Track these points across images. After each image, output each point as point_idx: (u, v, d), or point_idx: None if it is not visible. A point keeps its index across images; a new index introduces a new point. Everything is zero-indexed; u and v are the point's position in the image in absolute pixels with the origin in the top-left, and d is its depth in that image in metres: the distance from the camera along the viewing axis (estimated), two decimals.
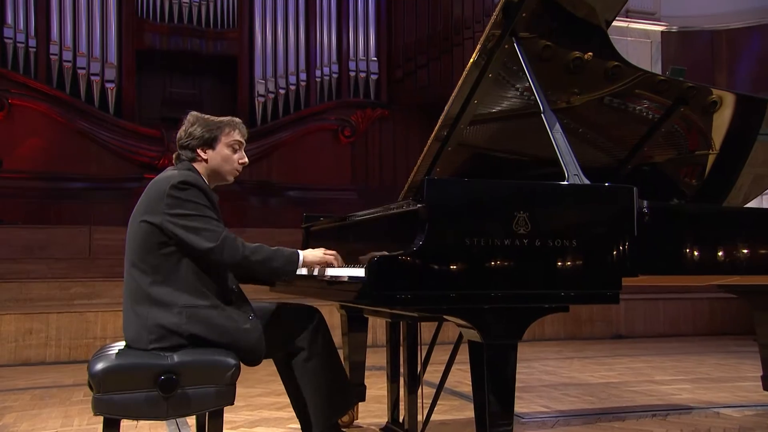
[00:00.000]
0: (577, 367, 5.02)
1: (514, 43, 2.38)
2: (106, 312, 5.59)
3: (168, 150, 9.55)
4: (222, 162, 2.23)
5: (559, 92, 2.74)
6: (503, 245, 1.91)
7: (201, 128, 2.21)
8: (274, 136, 10.06)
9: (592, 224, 2.02)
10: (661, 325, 7.20)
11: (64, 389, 4.26)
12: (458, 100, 2.67)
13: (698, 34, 9.80)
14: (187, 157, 2.23)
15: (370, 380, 3.41)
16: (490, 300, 1.90)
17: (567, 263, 1.97)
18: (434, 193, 1.88)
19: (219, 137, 2.22)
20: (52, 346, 5.38)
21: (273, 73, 10.26)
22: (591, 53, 2.58)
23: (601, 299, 2.02)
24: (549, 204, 1.99)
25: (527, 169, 3.06)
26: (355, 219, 2.55)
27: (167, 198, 2.06)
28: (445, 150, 2.87)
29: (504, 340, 1.95)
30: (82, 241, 7.79)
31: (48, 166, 9.15)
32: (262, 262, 2.10)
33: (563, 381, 4.43)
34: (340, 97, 10.58)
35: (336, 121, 10.49)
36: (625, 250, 2.05)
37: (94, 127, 9.41)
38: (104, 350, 2.19)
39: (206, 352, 2.08)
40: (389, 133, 10.82)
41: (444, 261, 1.86)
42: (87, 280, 6.63)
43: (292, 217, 9.87)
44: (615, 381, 4.44)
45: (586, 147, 2.99)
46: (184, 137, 2.23)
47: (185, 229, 2.04)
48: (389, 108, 10.75)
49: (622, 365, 5.15)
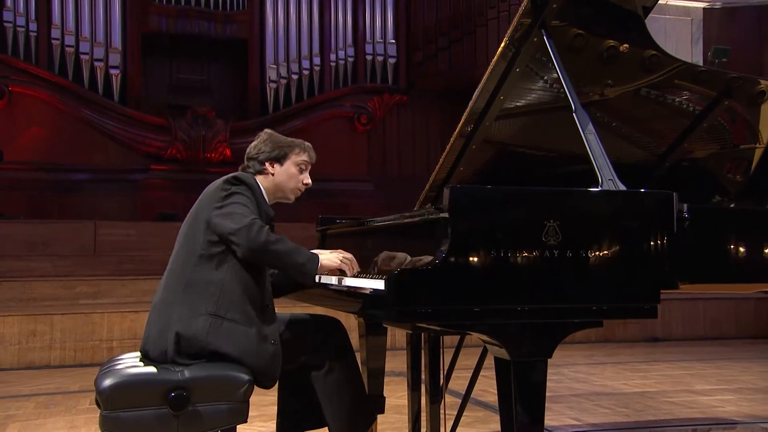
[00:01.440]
0: (610, 374, 4.99)
1: (544, 36, 2.35)
2: (113, 313, 5.67)
3: (176, 139, 9.62)
4: (287, 179, 2.36)
5: (591, 84, 2.70)
6: (532, 256, 1.88)
7: (273, 144, 2.36)
8: (287, 124, 10.06)
9: (627, 233, 1.99)
10: (701, 327, 7.12)
11: (69, 396, 4.33)
12: (484, 95, 2.65)
13: (744, 10, 9.58)
14: (255, 169, 2.34)
15: (389, 387, 3.40)
16: (518, 315, 1.88)
17: (600, 275, 1.94)
18: (458, 202, 1.87)
19: (289, 155, 2.36)
20: (56, 349, 5.47)
21: (285, 57, 10.26)
22: (627, 45, 2.55)
23: (638, 313, 1.99)
24: (581, 212, 1.96)
25: (556, 166, 3.03)
26: (373, 225, 2.54)
27: (218, 191, 2.16)
28: (470, 148, 2.85)
29: (533, 358, 1.93)
30: (87, 236, 7.88)
31: (50, 156, 9.26)
32: (285, 253, 2.12)
33: (595, 390, 4.41)
34: (356, 82, 10.57)
35: (352, 108, 10.48)
36: (664, 260, 2.01)
37: (98, 115, 9.50)
38: (112, 364, 2.22)
39: (219, 366, 2.09)
40: (408, 121, 10.79)
41: (468, 274, 1.84)
42: (92, 279, 6.71)
43: (306, 210, 9.87)
44: (651, 390, 4.41)
45: (620, 142, 2.95)
46: (254, 151, 2.35)
47: (219, 217, 2.10)
48: (408, 94, 10.72)
49: (659, 372, 5.12)
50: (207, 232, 2.14)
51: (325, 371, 2.30)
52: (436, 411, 2.86)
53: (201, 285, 2.12)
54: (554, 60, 2.33)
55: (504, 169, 3.13)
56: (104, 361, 2.30)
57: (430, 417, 2.83)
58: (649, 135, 2.96)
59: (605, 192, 2.07)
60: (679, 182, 3.04)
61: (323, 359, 2.31)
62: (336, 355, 2.32)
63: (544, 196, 1.96)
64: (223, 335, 2.09)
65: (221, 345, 2.09)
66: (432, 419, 2.84)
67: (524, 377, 1.93)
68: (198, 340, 2.08)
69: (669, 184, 3.00)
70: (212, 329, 2.09)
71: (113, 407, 2.01)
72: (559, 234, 1.91)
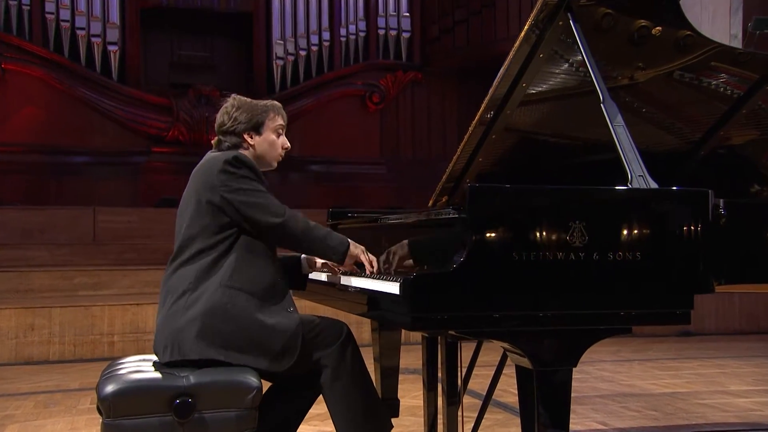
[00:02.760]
0: (638, 372, 4.98)
1: (570, 21, 2.33)
2: (114, 306, 5.72)
3: (178, 120, 9.64)
4: (268, 147, 2.36)
5: (620, 67, 2.68)
6: (556, 260, 1.88)
7: (246, 113, 2.33)
8: (294, 103, 10.04)
9: (658, 234, 1.97)
10: (736, 320, 7.07)
11: (69, 394, 4.39)
12: (506, 81, 2.63)
13: None
14: (232, 143, 2.33)
15: (403, 386, 3.41)
16: (541, 321, 1.88)
17: (629, 279, 1.93)
18: (478, 202, 1.86)
19: (265, 122, 2.35)
20: (55, 344, 5.54)
21: (293, 32, 10.23)
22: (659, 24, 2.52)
23: (670, 319, 1.98)
24: (608, 212, 1.95)
25: (582, 155, 3.02)
26: (388, 221, 2.54)
27: (220, 174, 2.18)
28: (489, 138, 2.84)
29: (557, 367, 1.93)
30: (86, 223, 7.95)
31: (46, 138, 9.31)
32: (322, 237, 2.28)
33: (622, 390, 4.41)
34: (368, 58, 10.53)
35: (363, 86, 10.45)
36: (698, 262, 2.00)
37: (96, 94, 9.53)
38: (113, 368, 2.24)
39: (226, 371, 2.11)
40: (423, 100, 10.75)
41: (488, 278, 1.84)
42: (92, 269, 6.78)
43: (315, 195, 9.92)
44: (682, 391, 4.39)
45: (651, 129, 2.94)
46: (228, 122, 2.33)
47: (246, 206, 2.18)
48: (423, 71, 10.66)
49: (691, 370, 5.10)
50: (217, 213, 2.19)
51: (332, 377, 2.30)
52: (453, 413, 2.85)
53: (214, 263, 2.19)
54: (581, 48, 2.30)
55: (526, 158, 3.12)
56: (105, 366, 2.31)
57: (447, 420, 2.83)
58: (682, 121, 2.94)
59: (634, 190, 2.06)
60: (715, 171, 3.02)
61: (327, 364, 2.31)
62: (343, 360, 2.32)
63: (569, 195, 1.94)
64: (240, 305, 2.16)
65: (238, 317, 2.15)
66: (449, 422, 2.84)
67: (548, 387, 1.93)
68: (217, 312, 2.13)
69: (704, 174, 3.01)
70: (231, 301, 2.15)
71: (116, 415, 2.02)
72: (585, 235, 1.90)
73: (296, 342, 2.21)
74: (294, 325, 2.23)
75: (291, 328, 2.21)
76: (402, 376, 3.31)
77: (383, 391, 3.11)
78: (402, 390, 3.25)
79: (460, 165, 3.02)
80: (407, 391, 4.17)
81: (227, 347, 2.14)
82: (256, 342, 2.17)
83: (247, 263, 2.22)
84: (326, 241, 2.28)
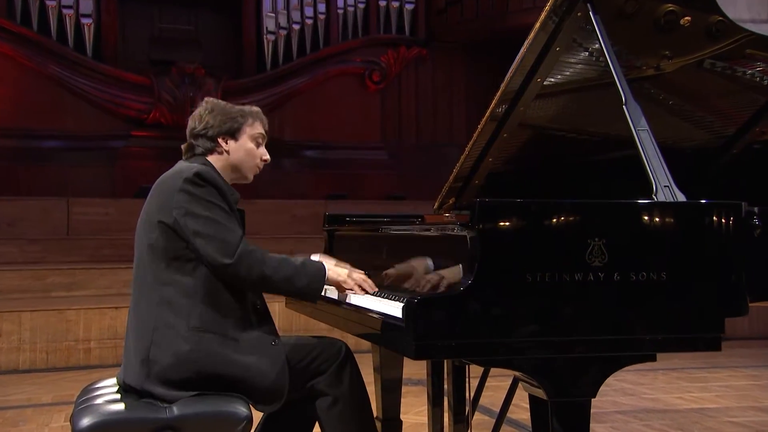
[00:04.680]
0: (662, 384, 4.98)
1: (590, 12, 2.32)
2: (90, 309, 5.73)
3: (159, 101, 9.62)
4: (245, 156, 2.32)
5: (645, 56, 2.68)
6: (574, 281, 1.87)
7: (222, 116, 2.31)
8: (287, 82, 10.03)
9: (686, 252, 1.97)
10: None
11: (41, 410, 4.38)
12: (520, 72, 2.62)
13: None
14: (204, 147, 2.30)
15: (406, 400, 3.42)
16: (557, 349, 1.88)
17: (654, 302, 1.92)
18: (487, 220, 1.85)
19: (243, 127, 2.32)
20: (26, 351, 5.54)
21: (285, 3, 10.19)
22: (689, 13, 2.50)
23: (699, 345, 1.99)
24: (630, 228, 1.95)
25: (601, 152, 3.02)
26: (389, 232, 2.53)
27: (179, 194, 2.13)
28: (500, 136, 2.84)
29: (575, 397, 1.93)
30: (59, 216, 7.95)
31: (14, 120, 9.27)
32: (285, 281, 2.18)
33: (645, 405, 4.40)
34: (368, 33, 10.49)
35: (362, 64, 10.42)
36: (730, 282, 2.00)
37: (69, 72, 9.50)
38: (89, 397, 2.23)
39: (212, 401, 2.10)
40: (428, 78, 10.72)
41: (498, 302, 1.83)
42: (66, 267, 6.78)
43: (310, 183, 9.92)
44: (711, 407, 4.38)
45: (679, 123, 2.94)
46: (200, 126, 2.30)
47: (196, 235, 2.12)
48: (428, 46, 10.63)
49: (721, 382, 5.09)
50: (173, 237, 2.14)
51: (330, 403, 2.31)
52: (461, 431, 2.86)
53: (176, 298, 2.13)
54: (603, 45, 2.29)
55: (540, 156, 3.13)
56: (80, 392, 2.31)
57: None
58: (713, 114, 2.94)
59: (659, 204, 2.05)
60: (749, 170, 3.01)
61: (328, 387, 2.31)
62: (341, 383, 2.32)
63: (587, 209, 1.95)
64: (210, 355, 2.11)
65: (213, 364, 2.11)
66: None
67: (564, 419, 1.93)
68: (186, 363, 2.09)
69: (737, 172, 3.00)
70: (197, 347, 2.10)
71: None
72: (605, 254, 1.90)
73: (283, 381, 2.18)
74: (279, 362, 2.19)
75: (277, 367, 2.18)
76: (406, 387, 3.30)
77: (384, 408, 3.11)
78: (404, 404, 3.25)
79: (468, 163, 3.01)
80: (410, 405, 4.18)
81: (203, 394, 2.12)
82: (238, 388, 2.14)
83: (215, 297, 2.15)
84: (295, 281, 2.18)
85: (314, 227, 8.09)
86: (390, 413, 3.13)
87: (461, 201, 3.13)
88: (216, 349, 2.12)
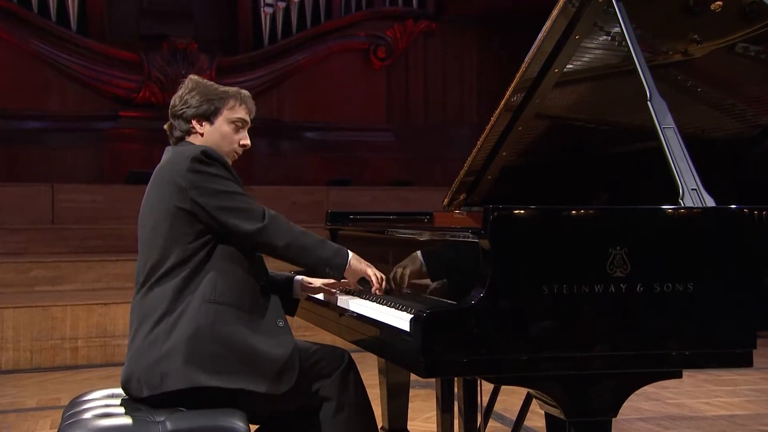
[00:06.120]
0: (688, 387, 4.97)
1: None
2: (77, 306, 5.74)
3: (149, 78, 9.62)
4: (220, 140, 2.36)
5: (672, 40, 2.67)
6: (593, 293, 1.87)
7: (200, 96, 2.35)
8: (286, 59, 10.02)
9: (714, 261, 1.96)
10: None
11: (25, 415, 4.40)
12: (538, 60, 2.62)
13: None
14: (181, 129, 2.36)
15: (413, 405, 3.42)
16: (575, 365, 1.88)
17: (679, 315, 1.91)
18: (501, 229, 1.85)
19: (221, 110, 2.36)
20: (8, 350, 5.56)
21: None
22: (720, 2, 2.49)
23: (729, 361, 1.98)
24: (654, 236, 1.93)
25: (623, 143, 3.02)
26: (396, 234, 2.53)
27: (190, 174, 2.20)
28: (515, 129, 2.84)
29: (594, 417, 1.94)
30: (43, 203, 7.96)
31: None
32: (312, 247, 2.29)
33: (669, 412, 4.40)
34: (372, 5, 10.49)
35: (367, 39, 10.41)
36: (763, 293, 2.00)
37: (52, 48, 9.51)
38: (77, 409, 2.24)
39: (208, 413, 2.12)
40: (437, 54, 10.70)
41: (513, 316, 1.83)
42: (51, 260, 6.79)
43: (310, 167, 9.93)
44: (741, 413, 4.37)
45: (707, 111, 2.93)
46: (178, 104, 2.36)
47: (221, 210, 2.21)
48: (437, 20, 10.61)
49: (751, 386, 5.07)
50: (192, 220, 2.21)
51: (333, 411, 2.34)
52: None
53: (194, 284, 2.21)
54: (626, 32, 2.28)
55: (558, 148, 3.12)
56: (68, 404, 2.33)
57: None
58: (745, 101, 2.92)
59: (685, 209, 2.03)
60: None
61: (328, 395, 2.34)
62: (345, 391, 2.35)
63: (607, 216, 1.94)
64: (230, 322, 2.19)
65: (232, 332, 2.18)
66: None
67: None
68: (207, 334, 2.16)
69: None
70: (218, 318, 2.18)
71: None
72: (627, 264, 1.90)
73: (294, 359, 2.24)
74: (289, 339, 2.26)
75: (287, 344, 2.24)
76: (413, 391, 3.31)
77: (390, 417, 3.12)
78: (412, 409, 3.26)
79: (481, 156, 3.01)
80: (418, 411, 4.19)
81: (220, 371, 2.16)
82: (251, 361, 2.19)
83: (230, 273, 2.24)
84: (319, 250, 2.30)
85: (315, 215, 8.08)
86: (396, 423, 3.14)
87: (473, 197, 3.13)
88: (232, 321, 2.20)
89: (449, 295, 2.13)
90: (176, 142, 2.39)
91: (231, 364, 2.17)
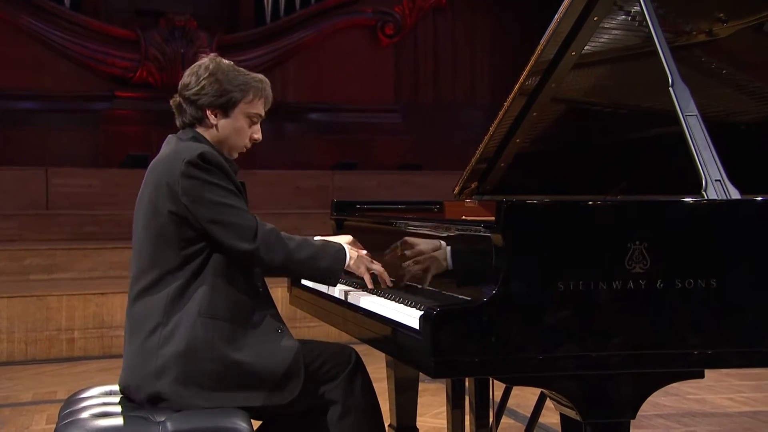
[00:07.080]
0: (709, 382, 4.96)
1: None
2: (73, 295, 5.76)
3: (146, 57, 9.61)
4: (233, 134, 2.34)
5: (696, 20, 2.66)
6: (611, 289, 1.86)
7: (219, 85, 2.29)
8: (290, 36, 9.99)
9: (739, 256, 1.95)
10: None
11: (20, 410, 4.43)
12: (554, 41, 2.61)
13: None
14: (192, 116, 2.32)
15: (422, 400, 3.42)
16: (592, 365, 1.88)
17: (702, 312, 1.91)
18: (514, 223, 1.85)
19: (239, 103, 2.31)
20: (2, 342, 5.59)
21: None
22: None
23: (754, 360, 1.97)
24: (675, 230, 1.92)
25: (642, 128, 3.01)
26: (404, 227, 2.53)
27: (184, 179, 2.17)
28: (530, 114, 2.83)
29: (612, 419, 1.94)
30: (36, 188, 7.99)
31: None
32: (307, 260, 2.28)
33: (689, 408, 4.40)
34: None
35: (374, 15, 10.38)
36: None
37: (45, 25, 9.49)
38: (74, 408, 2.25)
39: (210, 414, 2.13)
40: (447, 31, 10.66)
41: (526, 314, 1.83)
42: (45, 247, 6.82)
43: (315, 149, 9.91)
44: (765, 410, 4.35)
45: (733, 94, 2.93)
46: (194, 87, 2.30)
47: (211, 223, 2.18)
48: None
49: None
50: (183, 226, 2.19)
51: (340, 414, 2.34)
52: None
53: (185, 286, 2.20)
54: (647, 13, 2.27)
55: (574, 133, 3.12)
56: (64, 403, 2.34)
57: None
58: None
59: (708, 202, 2.03)
60: None
61: (335, 397, 2.35)
62: (352, 393, 2.35)
63: (626, 210, 1.94)
64: (225, 336, 2.19)
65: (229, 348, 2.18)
66: None
67: None
68: (202, 350, 2.16)
69: None
70: (214, 333, 2.17)
71: None
72: (647, 259, 1.89)
73: (298, 364, 2.24)
74: (291, 344, 2.26)
75: (289, 350, 2.24)
76: (422, 386, 3.30)
77: (398, 414, 3.12)
78: (421, 405, 3.26)
79: (494, 143, 3.01)
80: (428, 406, 4.20)
81: (217, 389, 2.17)
82: (250, 377, 2.20)
83: (226, 283, 2.23)
84: (316, 262, 2.28)
85: (320, 201, 8.10)
86: (405, 420, 3.14)
87: (485, 185, 3.13)
88: (228, 336, 2.19)
89: (461, 290, 2.12)
90: (183, 126, 2.35)
91: (228, 383, 2.18)
